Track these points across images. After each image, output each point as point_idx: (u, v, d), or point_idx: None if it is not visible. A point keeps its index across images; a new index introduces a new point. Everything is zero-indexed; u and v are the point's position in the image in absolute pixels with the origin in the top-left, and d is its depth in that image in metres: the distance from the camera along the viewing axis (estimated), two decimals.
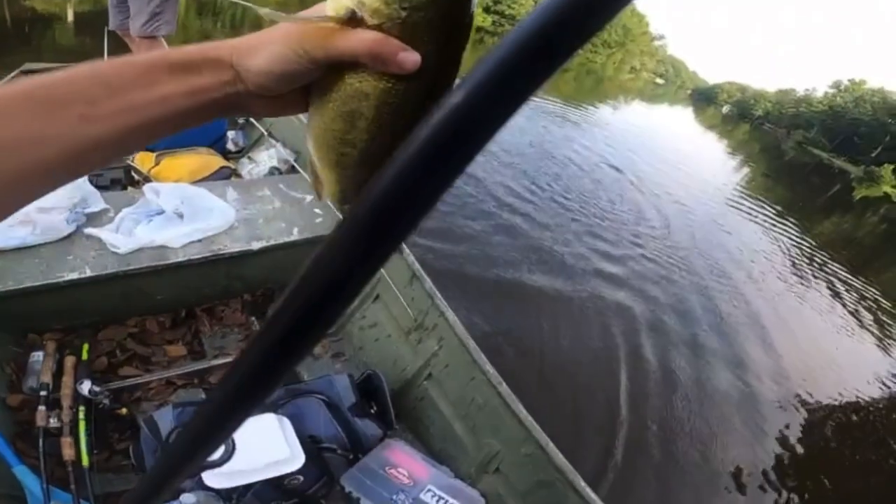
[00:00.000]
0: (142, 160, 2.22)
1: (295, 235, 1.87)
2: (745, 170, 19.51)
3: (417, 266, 1.77)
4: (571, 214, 5.76)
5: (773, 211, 11.74)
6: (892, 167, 46.96)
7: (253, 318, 1.85)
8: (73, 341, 1.53)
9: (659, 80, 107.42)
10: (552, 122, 11.03)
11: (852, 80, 65.49)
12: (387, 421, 1.60)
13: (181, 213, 1.81)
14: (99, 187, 1.94)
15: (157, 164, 2.21)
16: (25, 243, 1.50)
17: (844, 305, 7.46)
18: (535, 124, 10.00)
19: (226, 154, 2.55)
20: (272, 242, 1.79)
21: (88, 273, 1.49)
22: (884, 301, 8.42)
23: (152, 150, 2.27)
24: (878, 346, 6.55)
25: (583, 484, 1.30)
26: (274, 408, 1.46)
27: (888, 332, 7.09)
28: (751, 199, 12.21)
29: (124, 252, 1.60)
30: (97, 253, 1.57)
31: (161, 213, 1.80)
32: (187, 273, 1.69)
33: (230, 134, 2.65)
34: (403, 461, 1.52)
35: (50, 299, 1.46)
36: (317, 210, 2.05)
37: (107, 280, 1.52)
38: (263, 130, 2.66)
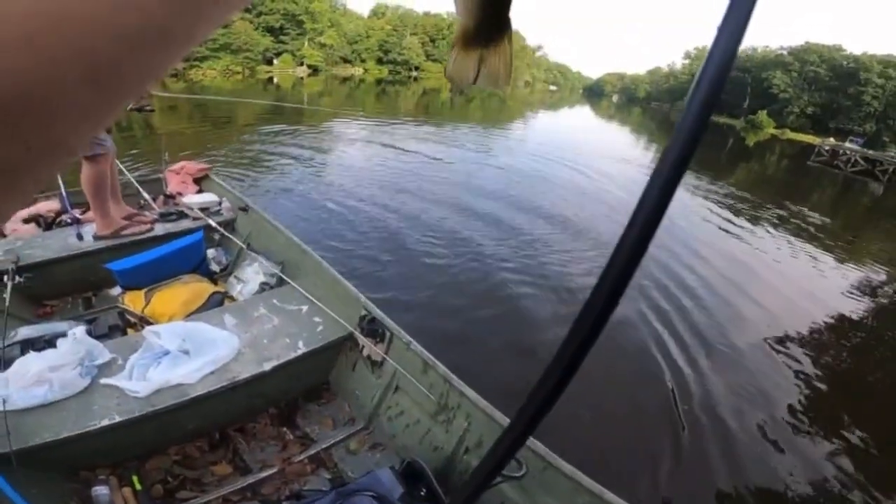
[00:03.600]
0: (132, 301, 2.23)
1: (302, 348, 1.95)
2: (653, 146, 21.24)
3: (427, 354, 1.89)
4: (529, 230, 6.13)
5: (691, 176, 12.87)
6: (764, 112, 52.94)
7: (285, 429, 1.85)
8: (122, 474, 1.58)
9: (552, 87, 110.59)
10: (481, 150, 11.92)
11: (698, 48, 71.68)
12: (438, 502, 1.64)
13: (186, 349, 1.87)
14: (97, 336, 1.96)
15: (147, 302, 2.23)
16: (47, 400, 1.57)
17: (793, 233, 8.62)
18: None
19: (211, 276, 2.59)
20: (283, 360, 1.87)
21: (118, 419, 1.54)
22: (822, 218, 10.14)
23: (139, 289, 2.28)
24: (840, 258, 7.63)
25: None
26: None
27: (837, 243, 8.35)
28: None
29: (144, 395, 1.63)
30: (119, 400, 1.62)
31: (167, 353, 1.85)
32: (210, 403, 1.73)
33: (210, 253, 2.70)
34: None
35: (91, 443, 1.51)
36: (316, 319, 2.14)
37: (138, 421, 1.57)
38: (242, 244, 2.73)
